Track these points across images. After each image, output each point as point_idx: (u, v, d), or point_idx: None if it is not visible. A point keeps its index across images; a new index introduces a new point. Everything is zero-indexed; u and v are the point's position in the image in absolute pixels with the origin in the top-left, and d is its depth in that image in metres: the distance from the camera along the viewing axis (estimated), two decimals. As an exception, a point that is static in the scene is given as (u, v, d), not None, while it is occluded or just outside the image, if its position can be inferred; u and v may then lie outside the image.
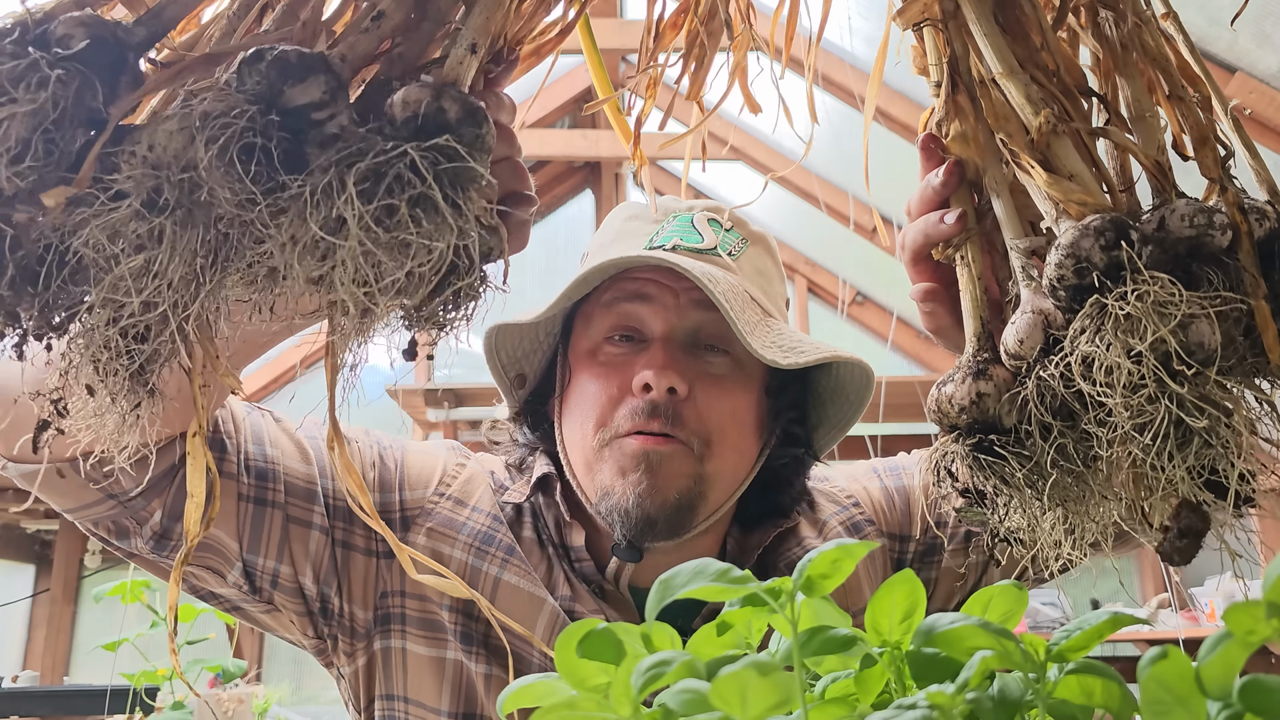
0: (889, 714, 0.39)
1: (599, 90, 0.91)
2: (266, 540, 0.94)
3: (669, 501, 0.94)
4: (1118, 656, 4.63)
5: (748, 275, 1.04)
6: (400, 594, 0.99)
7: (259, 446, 0.96)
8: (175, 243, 0.50)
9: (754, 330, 0.95)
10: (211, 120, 0.49)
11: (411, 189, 0.50)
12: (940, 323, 0.77)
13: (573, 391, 1.01)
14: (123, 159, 0.51)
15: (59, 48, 0.51)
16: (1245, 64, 2.98)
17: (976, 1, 0.70)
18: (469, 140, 0.52)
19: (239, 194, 0.50)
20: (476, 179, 0.52)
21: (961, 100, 0.72)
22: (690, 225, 1.05)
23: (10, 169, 0.49)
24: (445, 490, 1.04)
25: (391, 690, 0.99)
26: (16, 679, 4.52)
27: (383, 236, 0.49)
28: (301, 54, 0.52)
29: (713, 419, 0.96)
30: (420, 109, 0.52)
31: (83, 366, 0.53)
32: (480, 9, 0.61)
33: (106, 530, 0.89)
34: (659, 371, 0.94)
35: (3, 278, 0.51)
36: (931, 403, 0.63)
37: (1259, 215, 0.65)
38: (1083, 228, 0.57)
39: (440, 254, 0.50)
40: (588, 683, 0.45)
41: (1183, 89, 0.72)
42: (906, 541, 1.11)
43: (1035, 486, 0.59)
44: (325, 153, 0.51)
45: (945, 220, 0.70)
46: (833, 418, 1.07)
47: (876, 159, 0.96)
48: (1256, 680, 0.35)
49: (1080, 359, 0.55)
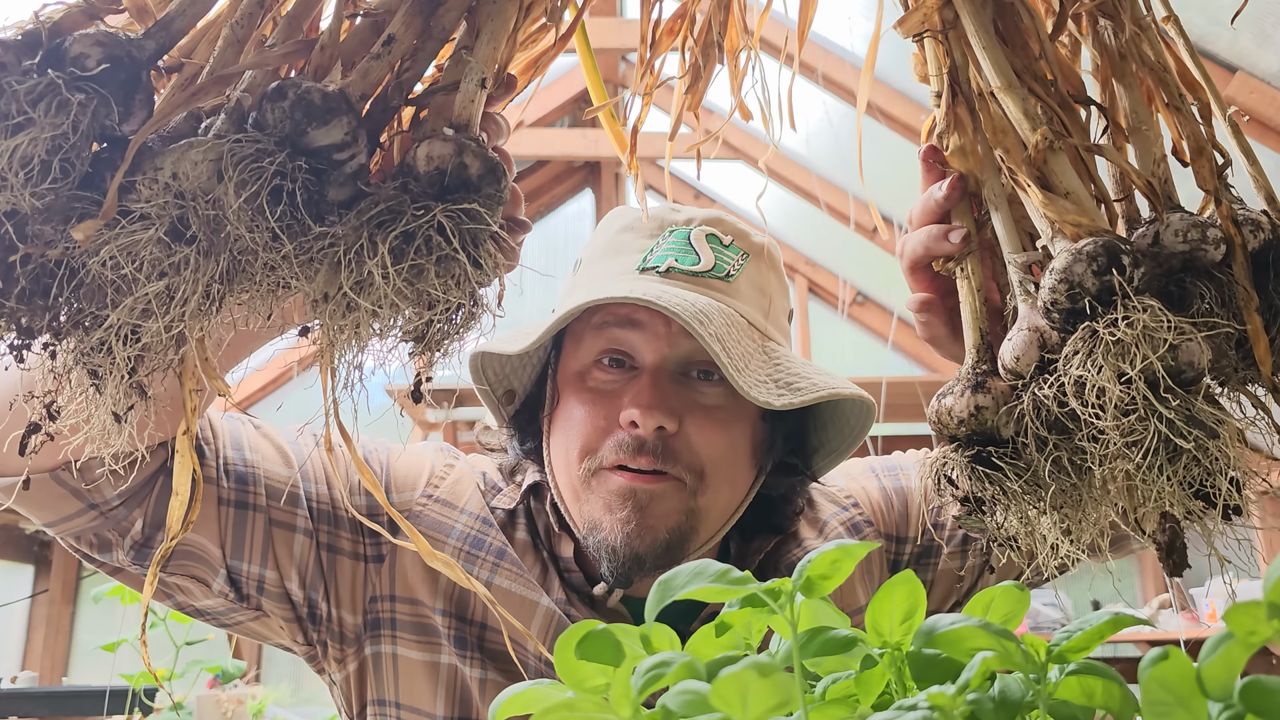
0: (890, 715, 0.39)
1: (594, 98, 0.91)
2: (250, 545, 0.93)
3: (659, 540, 0.92)
4: (1119, 657, 4.63)
5: (746, 296, 1.00)
6: (390, 598, 0.98)
7: (238, 451, 0.95)
8: (198, 270, 0.51)
9: (749, 363, 0.92)
10: (242, 164, 0.51)
11: (440, 250, 0.53)
12: (935, 333, 0.77)
13: (560, 414, 0.99)
14: (143, 183, 0.51)
15: (75, 67, 0.51)
16: (1246, 64, 2.98)
17: (976, 12, 0.71)
18: (489, 199, 0.55)
19: (263, 233, 0.51)
20: (494, 235, 0.56)
21: (961, 113, 0.73)
22: (687, 243, 1.01)
23: (28, 188, 0.49)
24: (433, 492, 1.03)
25: (383, 695, 0.98)
26: (15, 680, 4.51)
27: (407, 290, 0.52)
28: (325, 95, 0.53)
29: (705, 451, 0.94)
30: (444, 165, 0.55)
31: (77, 370, 0.53)
32: (487, 39, 0.62)
33: (89, 545, 0.88)
34: (646, 411, 0.91)
35: (13, 290, 0.52)
36: (931, 414, 0.64)
37: (1253, 227, 0.65)
38: (1076, 252, 0.58)
39: (458, 304, 0.54)
40: (586, 684, 0.45)
41: (1181, 98, 0.72)
42: (904, 543, 1.10)
43: (1032, 496, 0.60)
44: (353, 208, 0.54)
45: (950, 239, 0.70)
46: (833, 442, 1.05)
47: (878, 159, 0.96)
48: (1257, 681, 0.35)
49: (1073, 380, 0.56)
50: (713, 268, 0.99)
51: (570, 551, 0.99)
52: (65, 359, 0.54)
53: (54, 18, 0.54)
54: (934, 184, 0.74)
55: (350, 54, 0.61)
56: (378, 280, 0.51)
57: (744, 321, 0.97)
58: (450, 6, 0.63)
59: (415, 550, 0.97)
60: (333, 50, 0.60)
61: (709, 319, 0.90)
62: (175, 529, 0.60)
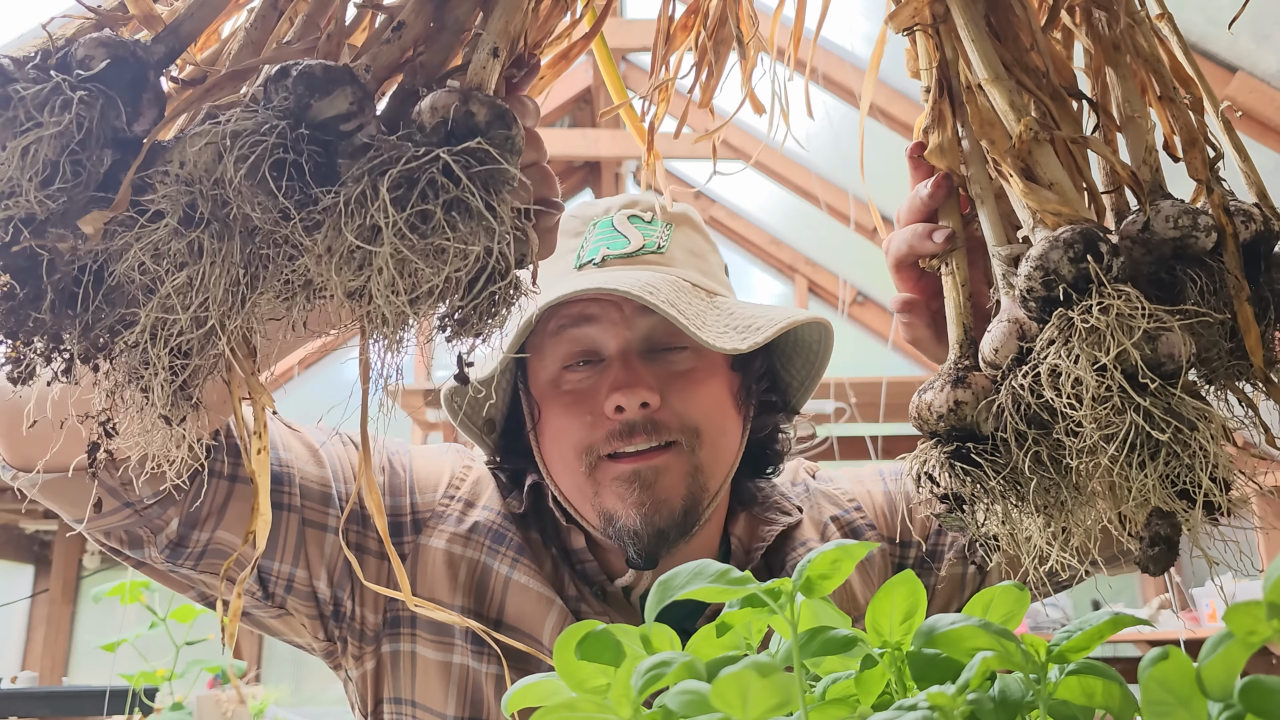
0: (890, 715, 0.39)
1: (613, 93, 0.91)
2: (283, 544, 0.94)
3: (676, 509, 0.95)
4: (1119, 657, 4.63)
5: (681, 261, 1.04)
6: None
7: (272, 450, 0.96)
8: (214, 255, 0.50)
9: (704, 321, 0.95)
10: (241, 138, 0.50)
11: (446, 193, 0.50)
12: (916, 334, 0.77)
13: (546, 426, 1.00)
14: (156, 179, 0.51)
15: (80, 69, 0.51)
16: (1246, 64, 2.99)
17: (966, 6, 0.71)
18: (499, 142, 0.52)
19: (271, 209, 0.50)
20: (509, 180, 0.52)
21: (943, 108, 0.72)
22: (612, 229, 1.04)
23: (40, 192, 0.49)
24: (454, 492, 1.05)
25: (399, 694, 0.99)
26: (15, 680, 4.52)
27: (418, 243, 0.49)
28: (327, 67, 0.52)
29: (693, 412, 0.97)
30: (449, 113, 0.52)
31: (127, 385, 0.53)
32: (499, 13, 0.61)
33: (119, 540, 0.89)
34: (627, 391, 0.93)
35: (42, 302, 0.52)
36: (912, 409, 0.64)
37: (1245, 217, 0.65)
38: (1052, 239, 0.58)
39: (477, 257, 0.50)
40: (587, 684, 0.45)
41: (1174, 90, 0.72)
42: (908, 547, 1.11)
43: (1013, 494, 0.59)
44: (356, 162, 0.51)
45: (934, 238, 0.70)
46: (801, 370, 1.09)
47: (877, 158, 0.96)
48: (1257, 681, 0.35)
49: (1049, 370, 0.56)
50: (643, 246, 1.03)
51: (582, 543, 1.01)
52: (115, 376, 0.53)
53: (65, 33, 0.54)
54: (921, 182, 0.74)
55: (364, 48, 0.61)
56: (384, 230, 0.49)
57: (688, 285, 1.00)
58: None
59: (439, 548, 0.99)
60: (339, 38, 0.60)
61: (657, 289, 0.93)
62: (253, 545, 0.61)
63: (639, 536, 0.94)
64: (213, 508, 0.89)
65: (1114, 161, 0.68)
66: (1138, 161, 0.69)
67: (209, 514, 0.89)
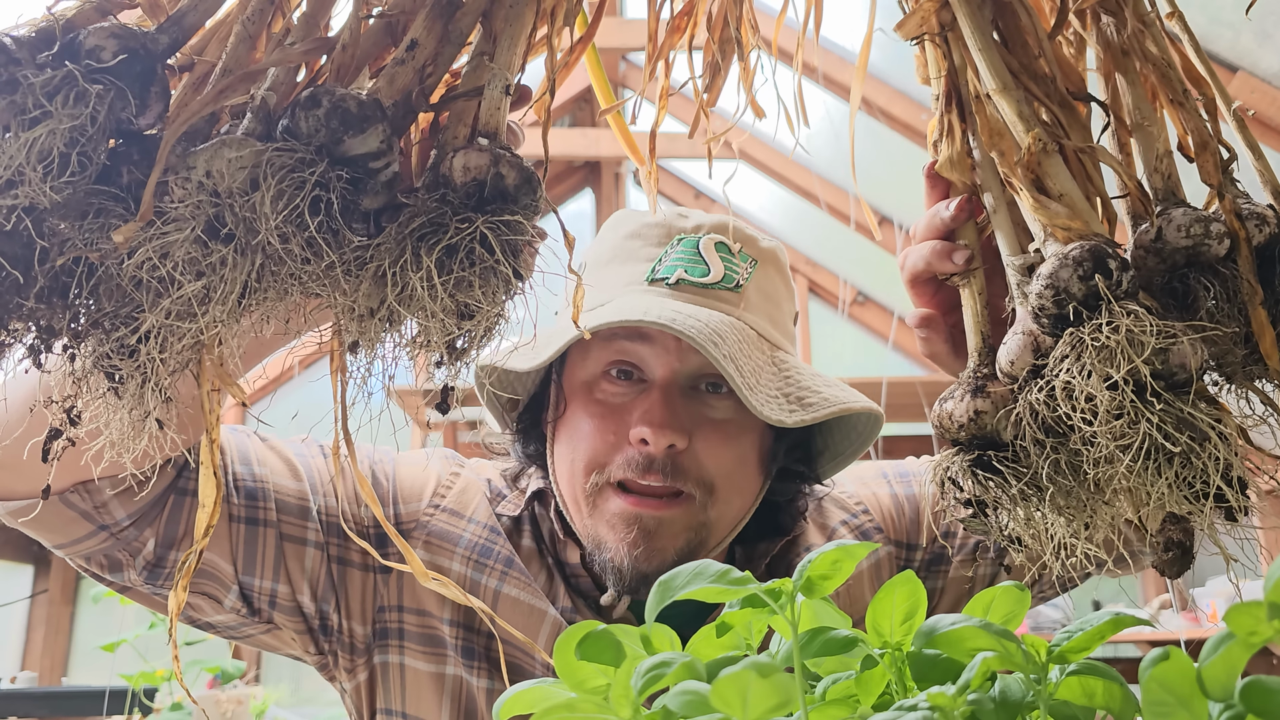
0: (890, 715, 0.39)
1: (600, 100, 0.90)
2: (261, 560, 0.93)
3: (668, 560, 0.91)
4: (1119, 658, 4.63)
5: (754, 305, 1.00)
6: (398, 609, 0.98)
7: (246, 466, 0.95)
8: (236, 270, 0.51)
9: (759, 379, 0.92)
10: (279, 173, 0.50)
11: (483, 262, 0.53)
12: (934, 349, 0.77)
13: (566, 424, 0.98)
14: (176, 182, 0.51)
15: (90, 60, 0.51)
16: (1247, 63, 2.98)
17: (973, 14, 0.70)
18: (526, 208, 0.55)
19: (298, 248, 0.51)
20: (530, 243, 0.56)
21: (952, 119, 0.73)
22: (696, 253, 1.00)
23: (48, 183, 0.49)
24: (439, 502, 1.02)
25: (391, 705, 0.98)
26: (15, 680, 4.51)
27: (450, 304, 0.52)
28: (360, 103, 0.53)
29: (714, 466, 0.93)
30: (481, 176, 0.55)
31: (95, 374, 0.53)
32: (508, 46, 0.62)
33: (99, 565, 0.88)
34: (657, 430, 0.90)
35: (31, 289, 0.52)
36: (934, 417, 0.65)
37: (1258, 221, 0.65)
38: (1062, 258, 0.58)
39: (498, 312, 0.54)
40: (587, 685, 0.45)
41: (1185, 93, 0.71)
42: (914, 550, 1.10)
43: (1034, 499, 0.60)
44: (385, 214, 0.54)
45: (954, 259, 0.70)
46: (839, 446, 1.05)
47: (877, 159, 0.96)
48: (1258, 681, 0.35)
49: (1062, 385, 0.56)
50: (722, 279, 0.99)
51: (577, 558, 0.99)
52: (84, 362, 0.53)
53: (66, 14, 0.54)
54: (939, 200, 0.74)
55: (365, 55, 0.61)
56: (421, 293, 0.51)
57: (754, 334, 0.97)
58: (467, 10, 0.62)
59: (422, 559, 0.97)
60: (354, 50, 0.60)
61: (722, 339, 0.90)
62: (200, 537, 0.60)
63: (622, 574, 0.92)
64: (188, 527, 0.88)
65: (1121, 173, 0.68)
66: (1149, 168, 0.69)
67: (185, 533, 0.88)
